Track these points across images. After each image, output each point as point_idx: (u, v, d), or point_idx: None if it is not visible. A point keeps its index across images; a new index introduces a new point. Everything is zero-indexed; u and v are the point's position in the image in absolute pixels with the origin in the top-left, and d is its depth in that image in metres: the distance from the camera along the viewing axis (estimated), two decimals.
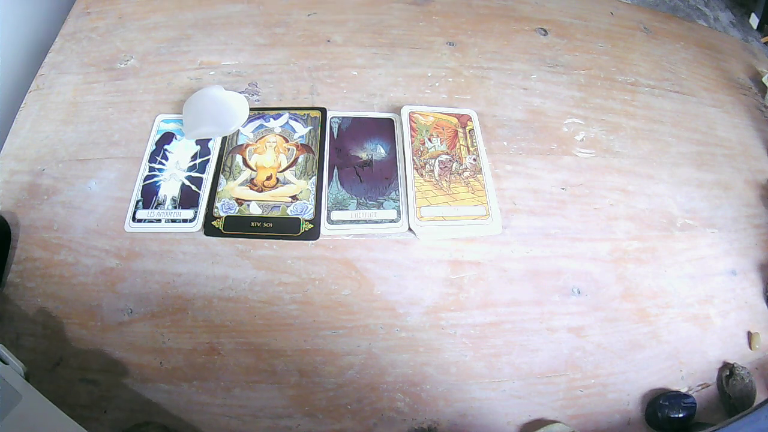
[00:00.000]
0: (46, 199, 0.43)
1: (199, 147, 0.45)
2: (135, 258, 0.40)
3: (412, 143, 0.46)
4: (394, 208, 0.43)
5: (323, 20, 0.55)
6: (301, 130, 0.47)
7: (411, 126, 0.47)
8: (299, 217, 0.42)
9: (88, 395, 0.36)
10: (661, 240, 0.46)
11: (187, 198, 0.42)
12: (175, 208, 0.42)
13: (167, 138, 0.46)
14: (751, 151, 0.55)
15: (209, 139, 0.46)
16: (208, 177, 0.44)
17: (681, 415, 0.37)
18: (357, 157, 0.46)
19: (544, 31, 0.59)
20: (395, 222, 0.42)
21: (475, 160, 0.46)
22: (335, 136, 0.47)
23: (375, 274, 0.41)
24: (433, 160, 0.46)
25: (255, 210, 0.42)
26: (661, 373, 0.41)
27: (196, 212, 0.42)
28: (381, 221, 0.42)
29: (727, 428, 0.34)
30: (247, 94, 0.48)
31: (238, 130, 0.46)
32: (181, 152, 0.45)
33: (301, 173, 0.44)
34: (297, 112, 0.48)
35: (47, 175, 0.44)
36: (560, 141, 0.50)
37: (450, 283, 0.41)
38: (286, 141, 0.46)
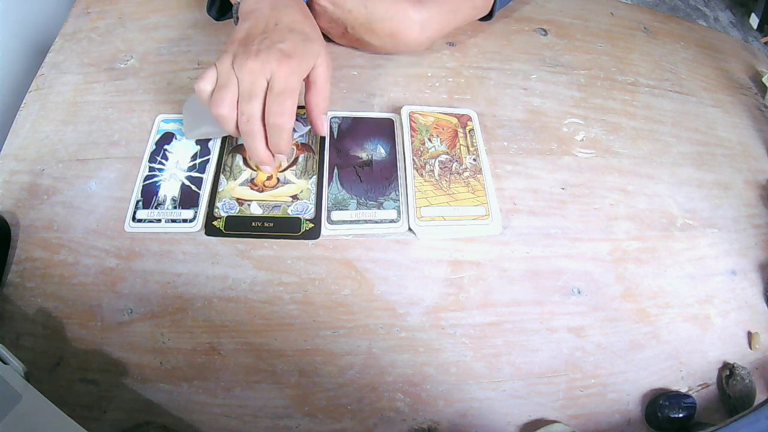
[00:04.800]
0: (46, 199, 0.43)
1: (199, 147, 0.45)
2: (135, 258, 0.40)
3: (412, 143, 0.46)
4: (394, 208, 0.43)
5: None
6: (301, 129, 0.46)
7: (411, 126, 0.47)
8: (300, 216, 0.42)
9: (88, 395, 0.36)
10: (661, 240, 0.46)
11: (187, 198, 0.42)
12: (175, 208, 0.42)
13: (167, 138, 0.46)
14: (751, 151, 0.55)
15: (209, 139, 0.46)
16: (208, 177, 0.44)
17: (681, 415, 0.37)
18: (357, 157, 0.46)
19: (544, 31, 0.59)
20: (395, 222, 0.42)
21: (475, 160, 0.46)
22: (335, 136, 0.47)
23: (375, 274, 0.41)
24: (433, 160, 0.46)
25: (256, 210, 0.42)
26: (661, 373, 0.41)
27: (196, 212, 0.42)
28: (381, 221, 0.42)
29: (727, 428, 0.34)
30: None
31: None
32: (181, 152, 0.45)
33: (301, 173, 0.44)
34: (297, 111, 0.48)
35: (47, 175, 0.44)
36: (560, 141, 0.50)
37: (450, 283, 0.41)
38: None
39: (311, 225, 0.42)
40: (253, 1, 0.42)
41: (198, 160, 0.45)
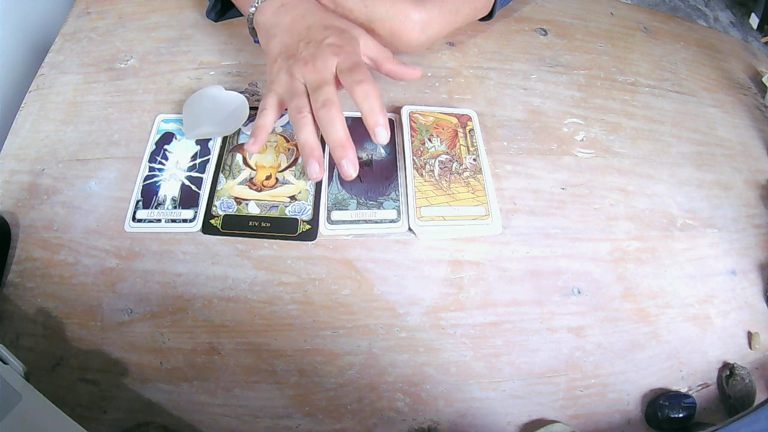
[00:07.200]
0: (46, 199, 0.43)
1: (199, 147, 0.45)
2: (135, 258, 0.40)
3: (412, 143, 0.46)
4: (394, 208, 0.43)
5: None
6: None
7: (411, 126, 0.47)
8: (297, 217, 0.42)
9: (88, 395, 0.36)
10: (661, 240, 0.46)
11: (187, 198, 0.42)
12: (175, 208, 0.42)
13: (167, 138, 0.46)
14: (751, 151, 0.55)
15: (209, 139, 0.46)
16: (208, 177, 0.44)
17: (681, 415, 0.37)
18: (357, 157, 0.45)
19: (544, 31, 0.59)
20: (395, 222, 0.42)
21: (475, 160, 0.46)
22: None
23: (375, 274, 0.41)
24: (433, 160, 0.46)
25: (253, 209, 0.42)
26: (661, 373, 0.41)
27: (196, 212, 0.42)
28: (381, 221, 0.42)
29: (727, 428, 0.34)
30: (247, 94, 0.48)
31: (239, 129, 0.46)
32: (181, 152, 0.45)
33: (300, 173, 0.44)
34: None
35: (47, 175, 0.44)
36: (560, 141, 0.50)
37: (450, 283, 0.41)
38: (287, 141, 0.46)
39: (308, 226, 0.42)
40: (270, 13, 0.43)
41: (198, 160, 0.45)
